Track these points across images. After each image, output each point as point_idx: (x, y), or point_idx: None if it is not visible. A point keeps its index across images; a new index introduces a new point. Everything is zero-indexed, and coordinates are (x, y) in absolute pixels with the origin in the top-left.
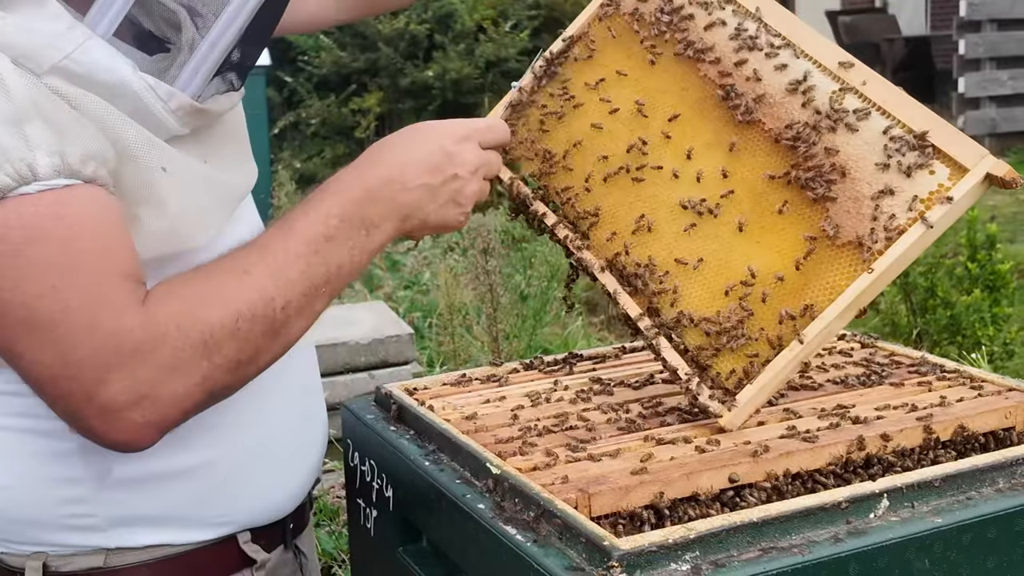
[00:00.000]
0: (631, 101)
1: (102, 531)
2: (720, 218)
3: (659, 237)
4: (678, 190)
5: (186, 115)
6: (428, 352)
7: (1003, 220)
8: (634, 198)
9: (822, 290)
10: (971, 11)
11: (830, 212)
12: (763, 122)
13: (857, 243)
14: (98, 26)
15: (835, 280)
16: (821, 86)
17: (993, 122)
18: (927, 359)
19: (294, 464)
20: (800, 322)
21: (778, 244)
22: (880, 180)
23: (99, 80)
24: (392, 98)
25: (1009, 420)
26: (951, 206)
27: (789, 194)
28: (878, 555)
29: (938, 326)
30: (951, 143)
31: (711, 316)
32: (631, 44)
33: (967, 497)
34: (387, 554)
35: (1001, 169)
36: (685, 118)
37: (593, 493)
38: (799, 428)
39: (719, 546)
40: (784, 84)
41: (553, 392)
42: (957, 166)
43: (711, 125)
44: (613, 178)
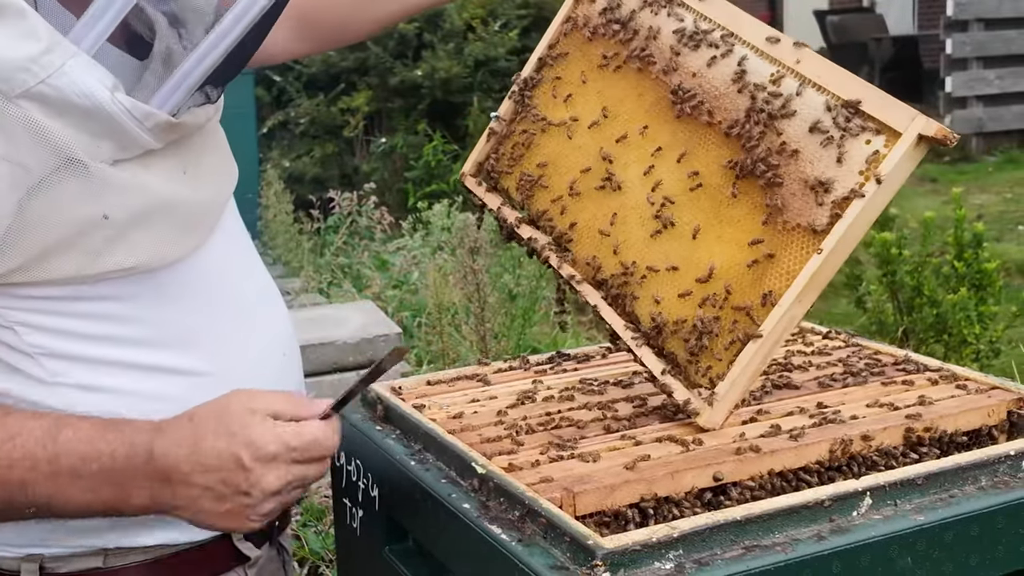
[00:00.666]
0: (596, 114)
1: (102, 532)
2: (683, 220)
3: (630, 246)
4: (641, 196)
5: (161, 131)
6: (417, 351)
7: (990, 219)
8: (605, 210)
9: (779, 277)
10: (958, 11)
11: (778, 196)
12: (713, 115)
13: (806, 225)
14: (83, 41)
15: (790, 265)
16: (758, 71)
17: (980, 121)
18: (911, 358)
19: None
20: (760, 312)
21: (737, 237)
22: (821, 157)
23: (73, 104)
24: (381, 97)
25: (991, 419)
26: (891, 171)
27: (742, 185)
28: (861, 553)
29: (925, 325)
30: (883, 109)
31: (683, 318)
32: (592, 58)
33: (949, 495)
34: (373, 554)
35: (931, 128)
36: (643, 124)
37: (578, 492)
38: (783, 427)
39: (703, 545)
40: (725, 75)
41: (539, 391)
42: (892, 132)
43: (668, 127)
44: (585, 192)
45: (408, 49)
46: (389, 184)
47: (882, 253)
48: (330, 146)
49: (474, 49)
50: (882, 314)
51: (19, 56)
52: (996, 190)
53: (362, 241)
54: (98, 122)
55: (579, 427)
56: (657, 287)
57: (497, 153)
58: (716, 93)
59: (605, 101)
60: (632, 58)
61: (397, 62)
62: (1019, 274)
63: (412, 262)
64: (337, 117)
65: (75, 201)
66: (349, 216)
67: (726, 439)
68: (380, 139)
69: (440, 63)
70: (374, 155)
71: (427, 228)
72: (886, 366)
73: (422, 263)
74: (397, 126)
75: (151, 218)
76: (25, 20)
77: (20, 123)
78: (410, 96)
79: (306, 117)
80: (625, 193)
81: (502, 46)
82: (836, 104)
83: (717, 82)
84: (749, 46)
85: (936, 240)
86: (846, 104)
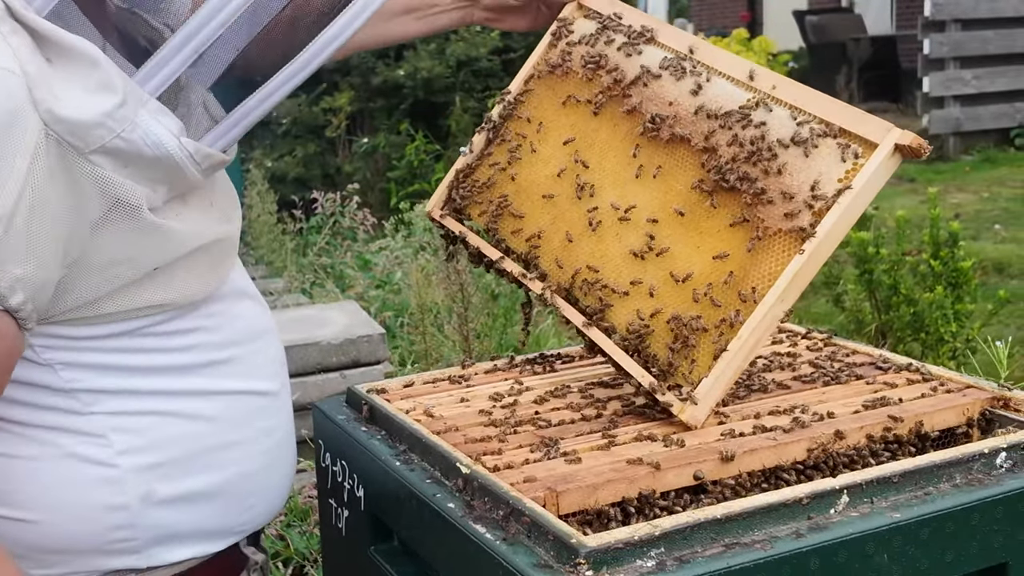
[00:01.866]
0: (570, 145)
1: (139, 552)
2: (662, 235)
3: (608, 261)
4: (619, 221)
5: (210, 167)
6: (400, 351)
7: (966, 218)
8: (581, 230)
9: (762, 278)
10: (935, 11)
11: (759, 208)
12: (691, 139)
13: (788, 230)
14: (148, 83)
15: (772, 268)
16: (732, 97)
17: (957, 121)
18: (887, 357)
19: (287, 468)
20: (744, 310)
21: (717, 246)
22: (801, 169)
23: (143, 155)
24: (363, 97)
25: (966, 417)
26: (867, 179)
27: (720, 198)
28: (838, 550)
29: (902, 323)
30: (858, 124)
31: (664, 320)
32: (563, 94)
33: (925, 492)
34: (358, 553)
35: (907, 139)
36: (620, 150)
37: (561, 491)
38: (762, 426)
39: (683, 542)
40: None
41: (523, 392)
42: (868, 144)
43: (644, 151)
44: (559, 214)
45: (390, 49)
46: (371, 184)
47: (859, 252)
48: (312, 146)
49: (456, 49)
50: (860, 313)
51: (96, 112)
52: (973, 189)
53: (345, 241)
54: (162, 169)
55: (562, 427)
56: (638, 299)
57: (465, 185)
58: (691, 118)
59: (578, 133)
60: (609, 93)
61: (379, 62)
62: (995, 272)
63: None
64: (319, 117)
65: (126, 246)
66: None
67: (706, 438)
68: (362, 139)
69: (422, 63)
70: (356, 155)
71: (409, 228)
72: (863, 365)
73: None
74: (379, 126)
75: (190, 257)
76: (98, 70)
77: (90, 178)
78: (392, 96)
79: (288, 117)
80: (604, 217)
81: (484, 46)
82: (814, 122)
83: (692, 108)
84: (726, 77)
85: (913, 239)
86: (825, 122)
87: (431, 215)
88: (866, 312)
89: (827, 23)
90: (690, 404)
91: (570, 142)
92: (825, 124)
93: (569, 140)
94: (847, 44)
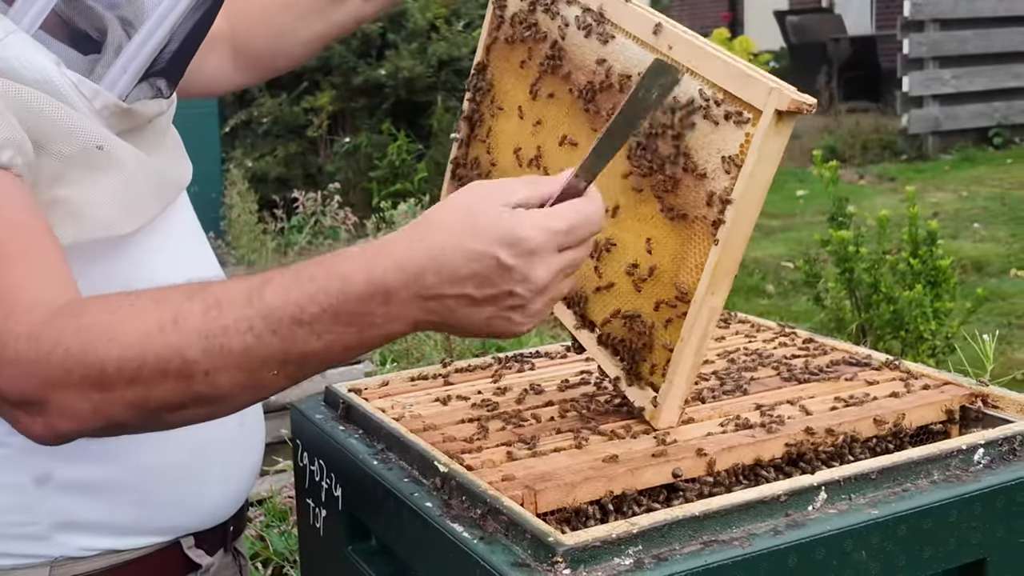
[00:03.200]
0: (529, 118)
1: (45, 539)
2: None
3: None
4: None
5: (112, 115)
6: (381, 350)
7: (945, 216)
8: None
9: (689, 271)
10: (914, 11)
11: (673, 192)
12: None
13: (702, 216)
14: (22, 19)
15: (698, 258)
16: (635, 60)
17: (936, 120)
18: (866, 354)
19: (234, 469)
20: (680, 307)
21: (647, 232)
22: (702, 146)
23: (20, 76)
24: (345, 96)
25: (944, 413)
26: (762, 151)
27: (646, 182)
28: (816, 547)
29: (882, 321)
30: (743, 88)
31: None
32: (515, 62)
33: (903, 489)
34: (337, 553)
35: (785, 102)
36: (567, 127)
37: (539, 490)
38: (741, 423)
39: (661, 540)
40: (614, 70)
41: (502, 390)
42: (756, 111)
43: (584, 127)
44: None
45: (372, 48)
46: (353, 183)
47: (839, 251)
48: (293, 145)
49: (437, 49)
50: (840, 311)
51: None
52: (952, 188)
53: (327, 241)
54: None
55: (540, 425)
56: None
57: (465, 165)
58: (606, 85)
59: (534, 107)
60: (545, 61)
61: (361, 61)
62: (974, 271)
63: None
64: (300, 116)
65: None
66: (313, 216)
67: (684, 436)
68: (344, 138)
69: (404, 62)
70: (338, 154)
71: (391, 227)
72: (843, 363)
73: None
74: (361, 125)
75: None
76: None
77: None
78: (374, 95)
79: (269, 116)
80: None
81: (465, 46)
82: (709, 91)
83: (610, 76)
84: (629, 35)
85: (893, 238)
86: (714, 89)
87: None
88: (846, 310)
89: (807, 23)
90: (655, 407)
91: (524, 118)
92: (718, 89)
93: (523, 116)
94: (827, 44)
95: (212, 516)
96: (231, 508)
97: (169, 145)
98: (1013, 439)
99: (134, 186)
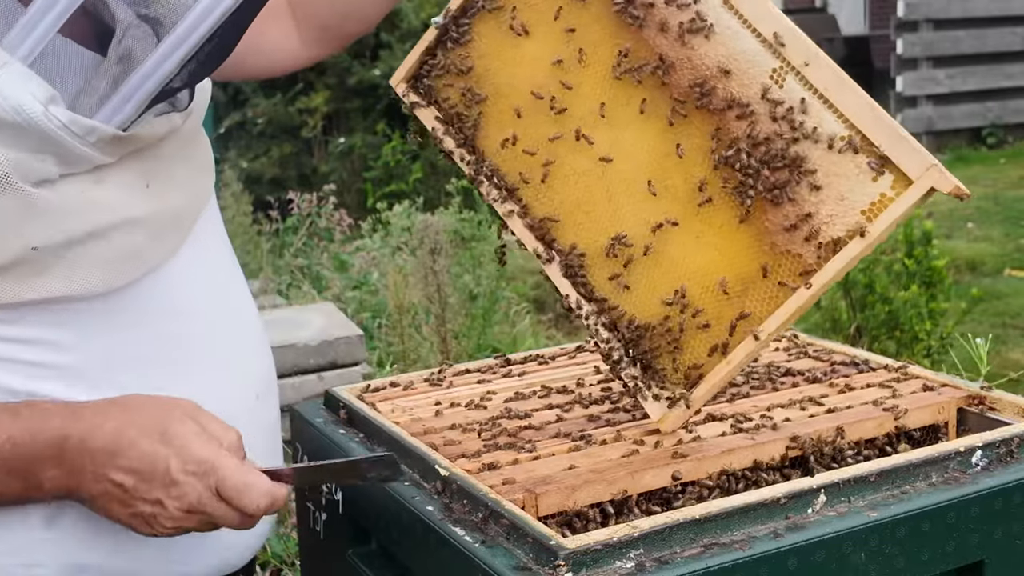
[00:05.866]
0: (572, 56)
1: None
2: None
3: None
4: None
5: (108, 145)
6: (378, 353)
7: (939, 217)
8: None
9: (760, 301)
10: (908, 11)
11: (776, 217)
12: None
13: (797, 253)
14: (18, 48)
15: (773, 291)
16: (761, 65)
17: (930, 120)
18: (862, 356)
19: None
20: (739, 332)
21: (718, 244)
22: (823, 184)
23: (3, 120)
24: (339, 97)
25: (942, 415)
26: (891, 219)
27: (728, 189)
28: (816, 549)
29: (877, 322)
30: (897, 149)
31: (655, 321)
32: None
33: (901, 491)
34: (337, 557)
35: (946, 185)
36: (621, 87)
37: (540, 493)
38: (740, 427)
39: (663, 543)
40: (719, 57)
41: (501, 393)
42: (901, 175)
43: (649, 95)
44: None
45: (366, 49)
46: (348, 184)
47: None
48: (288, 146)
49: None
50: (835, 312)
51: None
52: None
53: (321, 242)
54: (35, 138)
55: (541, 428)
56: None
57: (435, 62)
58: (710, 74)
59: (580, 43)
60: (620, 7)
61: (355, 62)
62: (968, 271)
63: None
64: (295, 117)
65: (8, 224)
66: (308, 217)
67: (685, 439)
68: (339, 139)
69: (398, 63)
70: (333, 155)
71: (386, 229)
72: (838, 364)
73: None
74: (355, 126)
75: (99, 239)
76: None
77: None
78: (368, 96)
79: (264, 117)
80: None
81: None
82: (845, 128)
83: (712, 64)
84: (751, 29)
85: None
86: (861, 137)
87: (394, 87)
88: (842, 311)
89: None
90: (677, 411)
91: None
92: (860, 135)
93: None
94: (821, 44)
95: (227, 565)
96: (247, 555)
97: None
98: (1011, 441)
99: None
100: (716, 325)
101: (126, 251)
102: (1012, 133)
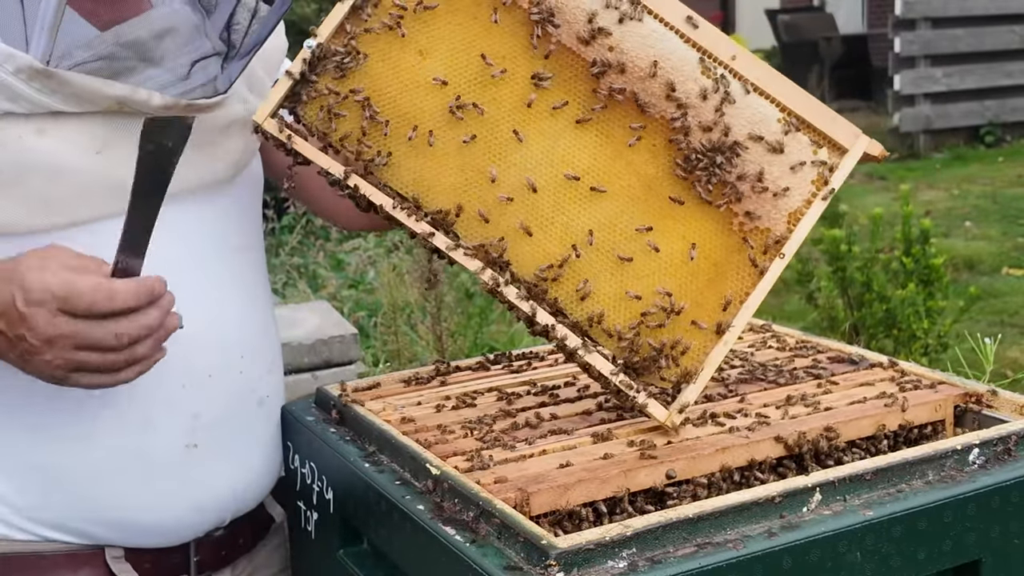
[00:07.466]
0: (477, 68)
1: None
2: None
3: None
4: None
5: (30, 78)
6: (373, 351)
7: (937, 215)
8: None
9: (737, 279)
10: (906, 9)
11: (737, 202)
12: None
13: (764, 229)
14: None
15: (748, 267)
16: (686, 61)
17: (928, 119)
18: (859, 354)
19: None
20: (723, 316)
21: (684, 233)
22: (772, 163)
23: None
24: None
25: (939, 413)
26: (838, 182)
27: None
28: (811, 548)
29: (874, 320)
30: (829, 124)
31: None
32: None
33: (897, 490)
34: (328, 556)
35: (875, 148)
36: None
37: (532, 492)
38: (734, 425)
39: (655, 542)
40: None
41: (494, 392)
42: (836, 146)
43: (578, 99)
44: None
45: None
46: None
47: (832, 250)
48: None
49: None
50: (833, 310)
51: None
52: (943, 186)
53: (317, 241)
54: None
55: (533, 427)
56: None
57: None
58: (640, 75)
59: (486, 50)
60: (535, 15)
61: None
62: (966, 269)
63: (368, 262)
64: None
65: None
66: (304, 216)
67: (677, 437)
68: None
69: None
70: None
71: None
72: (835, 362)
73: (378, 263)
74: None
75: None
76: None
77: None
78: None
79: None
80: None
81: None
82: (783, 114)
83: (640, 63)
84: (671, 28)
85: (885, 236)
86: (797, 117)
87: (262, 126)
88: (839, 309)
89: (799, 22)
90: (671, 407)
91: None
92: (795, 117)
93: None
94: (819, 43)
95: (141, 535)
96: (172, 535)
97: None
98: (1008, 439)
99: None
100: (699, 312)
101: (48, 197)
102: (1010, 132)
